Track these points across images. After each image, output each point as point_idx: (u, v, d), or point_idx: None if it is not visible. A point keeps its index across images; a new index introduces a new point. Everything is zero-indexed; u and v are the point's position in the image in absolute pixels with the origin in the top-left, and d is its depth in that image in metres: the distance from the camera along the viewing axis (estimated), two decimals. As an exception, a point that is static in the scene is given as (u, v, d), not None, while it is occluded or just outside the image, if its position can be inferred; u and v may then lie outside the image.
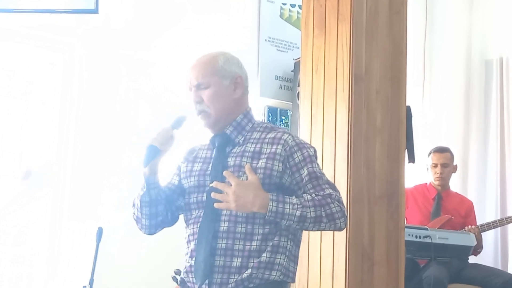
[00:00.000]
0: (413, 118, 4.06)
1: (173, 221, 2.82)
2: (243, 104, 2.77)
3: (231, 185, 2.50)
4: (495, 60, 6.69)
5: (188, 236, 2.71)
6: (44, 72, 4.52)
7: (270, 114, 5.62)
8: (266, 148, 2.63)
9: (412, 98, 5.97)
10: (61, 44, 4.53)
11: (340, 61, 3.75)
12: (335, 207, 2.55)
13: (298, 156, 2.62)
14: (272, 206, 2.48)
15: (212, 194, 2.54)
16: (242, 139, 2.70)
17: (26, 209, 4.39)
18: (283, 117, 5.62)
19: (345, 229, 3.55)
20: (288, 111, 5.72)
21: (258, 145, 2.66)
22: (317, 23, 3.89)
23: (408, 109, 3.95)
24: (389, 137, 3.81)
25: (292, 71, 5.69)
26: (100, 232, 3.59)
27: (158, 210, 2.73)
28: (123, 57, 4.67)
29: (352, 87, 3.69)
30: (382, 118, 3.80)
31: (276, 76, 5.72)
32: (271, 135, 2.67)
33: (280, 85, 5.72)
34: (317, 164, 2.66)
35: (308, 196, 2.55)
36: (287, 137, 2.65)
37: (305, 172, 2.61)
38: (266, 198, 2.49)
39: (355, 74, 3.71)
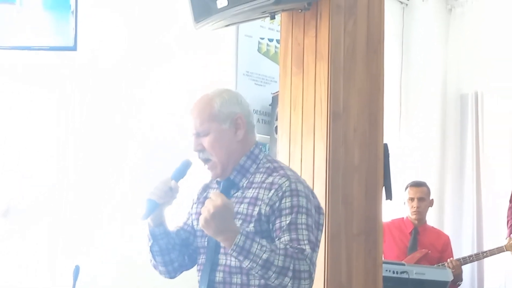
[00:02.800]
0: (390, 155, 4.08)
1: (192, 263, 2.73)
2: (247, 144, 2.65)
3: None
4: (470, 95, 6.79)
5: (198, 282, 2.63)
6: (38, 110, 4.50)
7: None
8: (263, 194, 2.51)
9: (389, 133, 6.02)
10: (52, 82, 4.50)
11: (318, 99, 3.76)
12: (304, 265, 2.37)
13: (286, 202, 2.47)
14: (240, 240, 2.31)
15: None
16: (246, 182, 2.59)
17: (19, 244, 4.35)
18: (261, 146, 5.64)
19: (323, 266, 3.62)
20: (266, 145, 5.74)
21: (257, 191, 2.54)
22: (295, 61, 3.91)
23: (386, 146, 3.97)
24: (366, 174, 3.83)
25: (270, 105, 5.70)
26: (76, 270, 3.52)
27: (172, 257, 2.67)
28: (113, 96, 4.69)
29: (330, 125, 3.70)
30: (359, 155, 3.81)
31: (254, 110, 5.72)
32: (270, 179, 2.54)
33: (258, 119, 5.74)
34: (307, 217, 2.47)
35: (282, 244, 2.39)
36: (284, 182, 2.50)
37: (287, 220, 2.44)
38: (236, 232, 2.34)
39: (333, 112, 3.72)
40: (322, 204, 3.58)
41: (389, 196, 4.01)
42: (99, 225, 4.54)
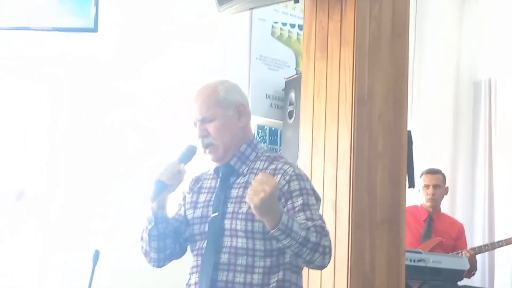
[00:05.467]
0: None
1: (181, 253, 2.78)
2: (248, 132, 2.75)
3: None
4: (483, 82, 6.71)
5: (191, 268, 2.68)
6: (31, 104, 4.49)
7: (259, 131, 5.60)
8: None
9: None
10: (48, 75, 4.50)
11: (343, 84, 3.71)
12: (329, 241, 2.50)
13: (295, 185, 2.57)
14: (285, 218, 2.38)
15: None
16: (246, 169, 2.67)
17: (15, 238, 4.32)
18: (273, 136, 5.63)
19: (347, 254, 3.58)
20: (278, 130, 5.70)
21: None
22: (319, 45, 3.85)
23: (409, 134, 3.92)
24: (390, 161, 3.77)
25: (282, 90, 5.66)
26: (96, 255, 3.49)
27: (166, 244, 2.69)
28: (110, 87, 4.65)
29: (354, 111, 3.65)
30: (384, 142, 3.76)
31: (266, 94, 5.70)
32: (273, 166, 2.63)
33: (271, 103, 5.70)
34: (315, 200, 2.60)
35: (309, 222, 2.48)
36: (288, 167, 2.61)
37: (299, 201, 2.54)
38: (281, 211, 2.39)
39: (358, 97, 3.67)
40: (346, 192, 3.61)
41: (411, 183, 3.96)
42: (95, 217, 4.51)
